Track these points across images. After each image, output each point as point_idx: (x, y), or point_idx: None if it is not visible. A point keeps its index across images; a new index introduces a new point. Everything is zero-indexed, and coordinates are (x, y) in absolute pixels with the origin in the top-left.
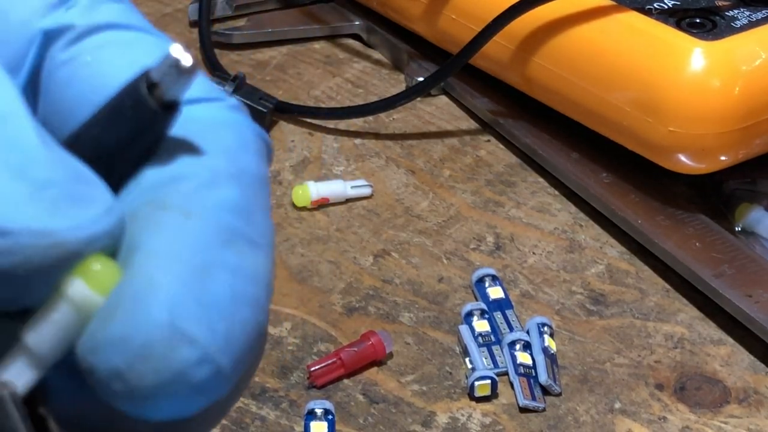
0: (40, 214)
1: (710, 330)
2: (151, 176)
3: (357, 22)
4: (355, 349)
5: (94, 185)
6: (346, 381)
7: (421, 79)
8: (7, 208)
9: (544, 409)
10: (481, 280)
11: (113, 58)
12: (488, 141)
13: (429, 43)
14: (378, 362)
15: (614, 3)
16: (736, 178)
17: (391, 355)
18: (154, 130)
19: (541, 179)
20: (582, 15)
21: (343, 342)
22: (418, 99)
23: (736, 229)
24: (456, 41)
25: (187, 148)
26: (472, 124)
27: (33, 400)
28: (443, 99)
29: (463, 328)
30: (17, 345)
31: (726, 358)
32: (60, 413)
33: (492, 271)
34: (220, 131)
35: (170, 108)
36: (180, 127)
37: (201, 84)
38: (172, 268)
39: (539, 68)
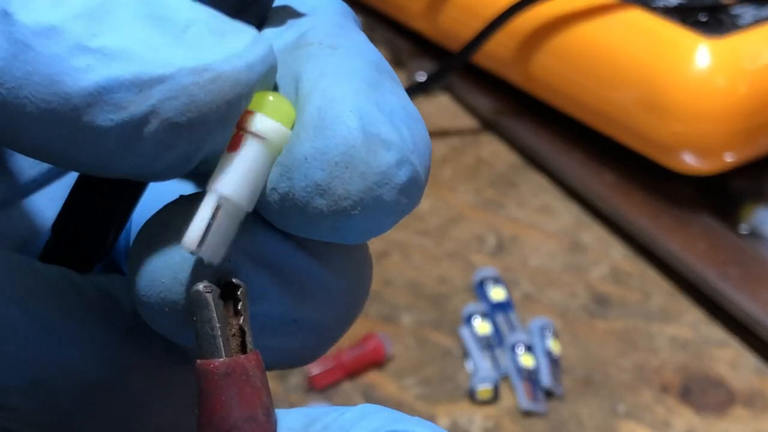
0: (191, 53)
1: (715, 332)
2: (274, 32)
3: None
4: (355, 351)
5: (234, 22)
6: (346, 383)
7: (422, 77)
8: (157, 54)
9: (546, 413)
10: (482, 282)
11: None
12: (490, 141)
13: (430, 41)
14: (378, 364)
15: (619, 0)
16: (741, 178)
17: (391, 358)
18: None
19: (543, 179)
20: (586, 12)
21: (342, 344)
22: (419, 97)
23: (742, 230)
24: (457, 39)
25: (297, 13)
26: (474, 124)
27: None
28: (444, 98)
29: (465, 330)
30: (204, 201)
31: (731, 361)
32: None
33: (494, 273)
34: (320, 2)
35: None
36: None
37: None
38: (346, 83)
39: (542, 66)
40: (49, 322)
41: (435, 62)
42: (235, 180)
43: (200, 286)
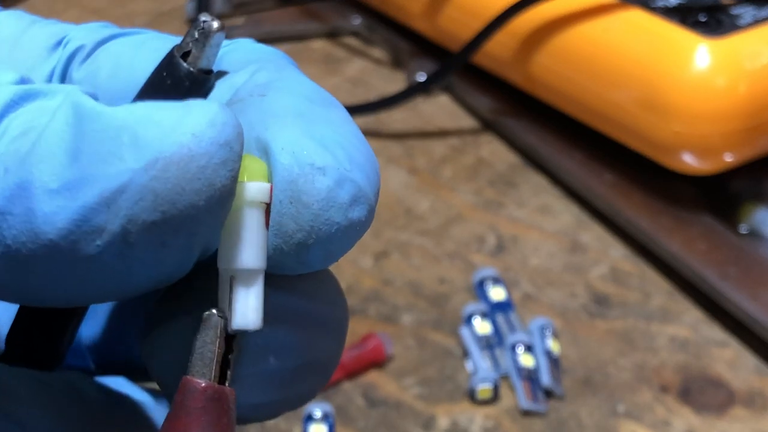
0: (138, 152)
1: (715, 332)
2: (212, 97)
3: (356, 20)
4: (355, 351)
5: (169, 102)
6: (346, 383)
7: (421, 77)
8: (110, 167)
9: (546, 412)
10: (482, 282)
11: (131, 58)
12: (490, 141)
13: (430, 41)
14: (378, 364)
15: (618, 0)
16: (741, 178)
17: (391, 358)
18: (196, 91)
19: (543, 179)
20: (586, 12)
21: None
22: (419, 98)
23: (741, 230)
24: (457, 39)
25: (235, 65)
26: (474, 124)
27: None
28: (444, 98)
29: (465, 330)
30: (238, 282)
31: (731, 361)
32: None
33: (494, 273)
34: (257, 51)
35: (206, 72)
36: (222, 61)
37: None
38: (273, 124)
39: (542, 66)
40: (21, 419)
41: (435, 62)
42: (247, 249)
43: (214, 310)
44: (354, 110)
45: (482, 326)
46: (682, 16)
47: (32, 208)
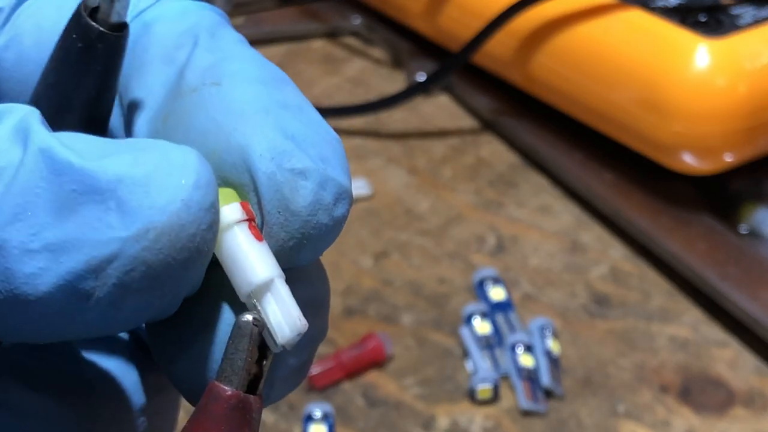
0: (128, 218)
1: (715, 332)
2: (157, 81)
3: (356, 20)
4: (355, 351)
5: (151, 154)
6: (346, 383)
7: (422, 77)
8: (98, 233)
9: (546, 412)
10: (482, 282)
11: (54, 21)
12: (490, 141)
13: (430, 41)
14: (378, 364)
15: (618, 0)
16: (741, 178)
17: (391, 358)
18: (111, 51)
19: (543, 179)
20: (586, 12)
21: (342, 344)
22: (419, 98)
23: (741, 230)
24: (457, 39)
25: (168, 38)
26: (474, 124)
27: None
28: (444, 98)
29: (465, 330)
30: (264, 300)
31: (731, 361)
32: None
33: (494, 273)
34: (185, 14)
35: (119, 28)
36: (153, 33)
37: None
38: (243, 127)
39: (542, 66)
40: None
41: (435, 62)
42: (249, 268)
43: (250, 317)
44: (354, 110)
45: (482, 326)
46: (682, 16)
47: (10, 269)
